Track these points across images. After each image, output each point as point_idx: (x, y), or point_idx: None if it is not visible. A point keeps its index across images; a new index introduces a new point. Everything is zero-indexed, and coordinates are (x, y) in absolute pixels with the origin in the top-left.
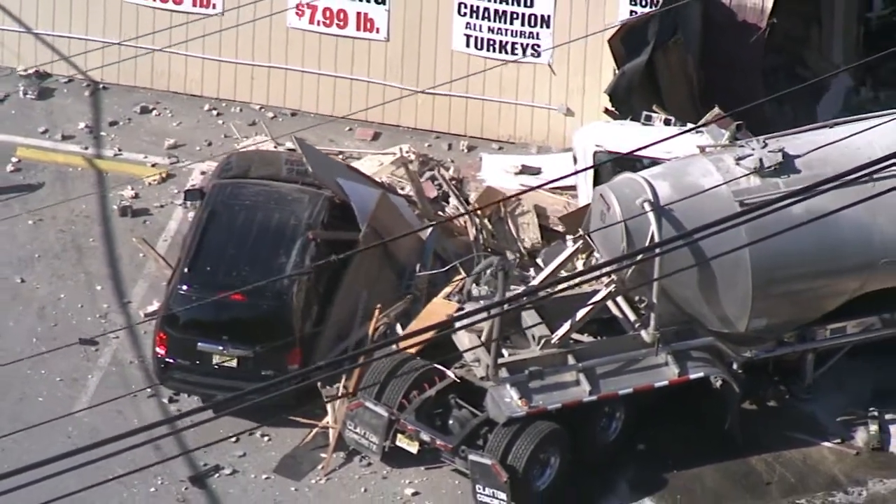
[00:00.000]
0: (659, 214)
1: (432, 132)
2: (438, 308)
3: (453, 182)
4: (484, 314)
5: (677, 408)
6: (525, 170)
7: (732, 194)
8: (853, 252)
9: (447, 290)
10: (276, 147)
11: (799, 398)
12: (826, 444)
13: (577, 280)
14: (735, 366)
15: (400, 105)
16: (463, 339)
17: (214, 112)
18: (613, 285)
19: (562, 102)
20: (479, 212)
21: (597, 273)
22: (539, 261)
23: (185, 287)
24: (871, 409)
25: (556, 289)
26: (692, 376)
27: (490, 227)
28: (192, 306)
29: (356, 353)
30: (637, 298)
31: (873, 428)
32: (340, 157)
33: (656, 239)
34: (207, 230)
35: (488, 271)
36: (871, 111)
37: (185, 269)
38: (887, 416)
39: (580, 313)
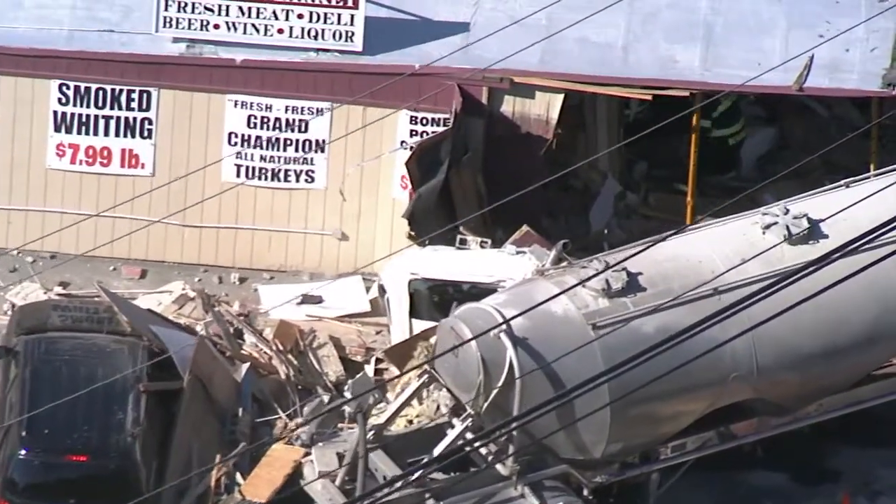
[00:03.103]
0: (515, 344)
1: (200, 265)
2: (282, 454)
3: (241, 318)
4: None
5: None
6: (306, 299)
7: (584, 318)
8: (706, 368)
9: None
10: (45, 293)
11: None
12: None
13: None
14: (586, 492)
15: (165, 239)
16: (316, 486)
17: None
18: (469, 420)
19: (336, 227)
20: (281, 348)
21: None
22: (347, 393)
23: (24, 451)
24: None
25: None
26: None
27: (295, 362)
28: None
29: None
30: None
31: None
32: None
33: (515, 369)
34: (34, 390)
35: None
36: (642, 215)
37: (23, 433)
38: None
39: (436, 450)
